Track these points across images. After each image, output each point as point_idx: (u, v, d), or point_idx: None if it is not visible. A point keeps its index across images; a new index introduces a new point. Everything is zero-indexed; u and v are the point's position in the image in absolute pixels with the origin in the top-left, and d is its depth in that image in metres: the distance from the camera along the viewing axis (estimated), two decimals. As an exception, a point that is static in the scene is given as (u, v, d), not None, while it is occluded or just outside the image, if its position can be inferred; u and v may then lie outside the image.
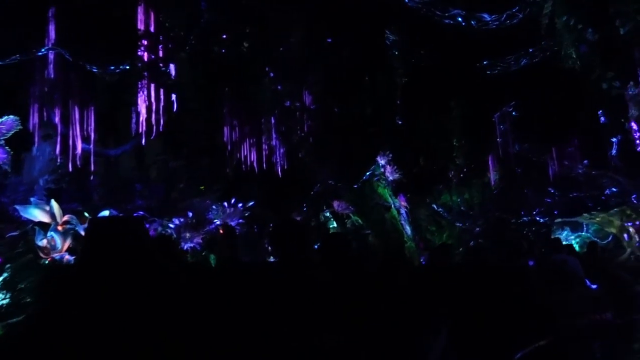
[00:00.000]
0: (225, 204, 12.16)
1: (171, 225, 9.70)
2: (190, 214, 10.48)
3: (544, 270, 7.86)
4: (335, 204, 14.65)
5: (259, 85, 12.41)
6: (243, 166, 13.36)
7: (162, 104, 10.70)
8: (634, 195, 19.09)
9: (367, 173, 14.69)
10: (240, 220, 12.42)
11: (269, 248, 10.41)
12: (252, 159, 13.50)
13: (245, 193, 13.00)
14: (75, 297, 2.28)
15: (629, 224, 21.68)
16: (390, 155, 14.99)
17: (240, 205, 12.45)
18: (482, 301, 6.17)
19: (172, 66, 10.43)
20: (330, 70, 12.35)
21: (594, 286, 8.87)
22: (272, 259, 8.33)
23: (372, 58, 12.66)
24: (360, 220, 14.55)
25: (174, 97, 10.97)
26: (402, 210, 15.51)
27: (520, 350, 5.95)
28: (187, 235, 9.96)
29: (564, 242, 18.04)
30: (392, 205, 14.97)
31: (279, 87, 12.68)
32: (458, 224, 18.66)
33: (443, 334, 4.46)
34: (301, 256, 3.10)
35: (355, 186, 14.34)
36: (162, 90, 10.64)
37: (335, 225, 14.99)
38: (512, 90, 13.96)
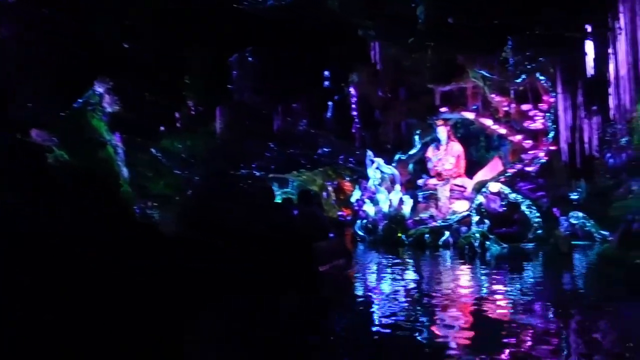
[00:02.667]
0: None
1: None
2: None
3: (301, 221, 7.42)
4: (34, 132, 11.73)
5: None
6: None
7: None
8: (341, 157, 20.80)
9: (80, 100, 12.21)
10: None
11: None
12: None
13: None
14: None
15: (329, 183, 23.75)
16: (111, 83, 12.74)
17: None
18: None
19: None
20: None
21: (331, 235, 8.89)
22: None
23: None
24: (66, 155, 11.99)
25: None
26: (119, 150, 13.50)
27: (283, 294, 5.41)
28: None
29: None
30: (108, 142, 12.85)
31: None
32: (177, 172, 17.45)
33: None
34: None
35: (63, 114, 11.74)
36: None
37: (32, 159, 12.06)
38: (254, 33, 13.16)
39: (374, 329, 5.72)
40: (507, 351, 4.71)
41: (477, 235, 13.46)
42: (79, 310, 3.56)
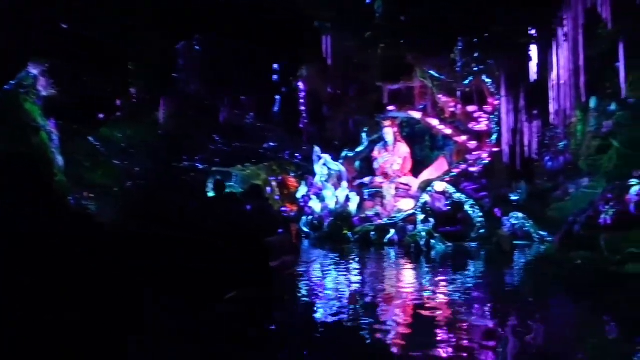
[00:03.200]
0: None
1: None
2: None
3: (254, 216, 7.14)
4: (-41, 115, 10.89)
5: None
6: None
7: None
8: (287, 152, 20.55)
9: (12, 82, 11.42)
10: None
11: None
12: None
13: None
14: None
15: (273, 178, 23.46)
16: (47, 65, 11.98)
17: None
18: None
19: None
20: None
21: (280, 230, 8.67)
22: None
23: None
24: (-6, 141, 11.19)
25: None
26: (54, 137, 12.74)
27: (233, 290, 5.19)
28: None
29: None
30: (42, 128, 12.10)
31: None
32: (116, 162, 16.70)
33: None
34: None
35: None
36: None
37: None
38: (204, 20, 12.68)
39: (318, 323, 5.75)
40: (443, 346, 4.83)
41: (423, 233, 13.58)
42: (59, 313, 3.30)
